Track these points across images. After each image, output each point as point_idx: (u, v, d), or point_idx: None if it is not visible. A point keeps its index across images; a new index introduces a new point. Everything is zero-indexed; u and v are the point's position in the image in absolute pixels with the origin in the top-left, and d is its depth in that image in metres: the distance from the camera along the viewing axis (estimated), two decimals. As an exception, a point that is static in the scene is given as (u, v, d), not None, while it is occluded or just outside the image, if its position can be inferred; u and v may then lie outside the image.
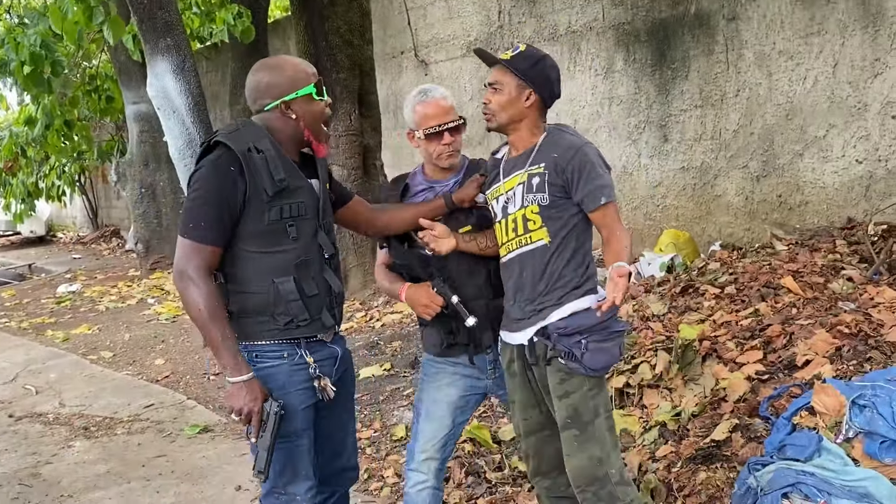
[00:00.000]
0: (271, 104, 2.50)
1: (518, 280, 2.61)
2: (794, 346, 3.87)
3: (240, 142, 2.40)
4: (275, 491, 2.53)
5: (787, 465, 2.94)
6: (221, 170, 2.39)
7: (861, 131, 5.94)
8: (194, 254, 2.37)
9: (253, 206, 2.41)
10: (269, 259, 2.46)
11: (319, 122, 2.57)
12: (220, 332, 2.37)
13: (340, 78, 7.11)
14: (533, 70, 2.66)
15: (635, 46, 7.36)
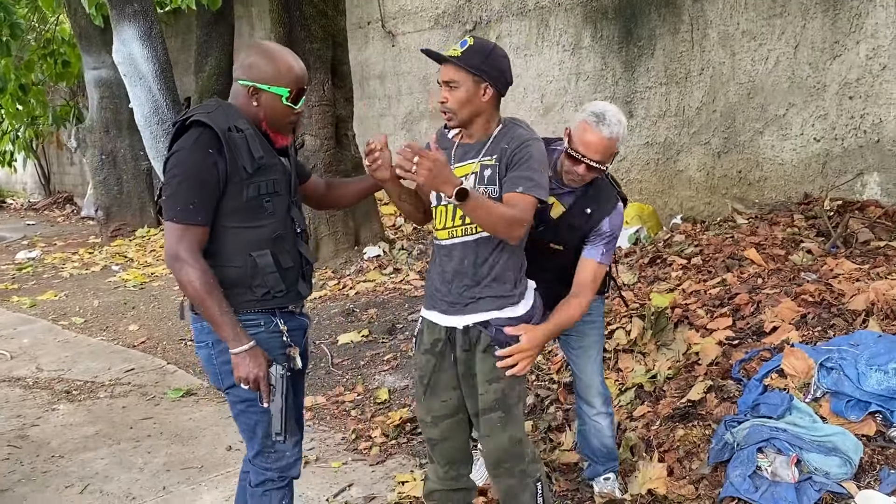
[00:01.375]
0: (244, 81, 2.55)
1: (459, 266, 2.64)
2: (761, 314, 4.11)
3: (220, 121, 2.46)
4: (265, 451, 2.67)
5: (761, 423, 3.18)
6: (201, 150, 2.44)
7: (819, 111, 6.20)
8: (184, 235, 2.43)
9: (232, 184, 2.48)
10: (247, 234, 2.55)
11: (282, 122, 2.60)
12: (217, 307, 2.44)
13: (314, 48, 7.16)
14: (486, 63, 2.59)
15: (603, 23, 7.53)
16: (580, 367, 3.25)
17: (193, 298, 2.46)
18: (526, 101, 8.37)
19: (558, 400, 4.24)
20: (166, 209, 2.47)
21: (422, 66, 9.48)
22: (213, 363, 2.62)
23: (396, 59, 9.84)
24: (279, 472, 2.70)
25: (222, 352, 2.54)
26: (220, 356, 2.57)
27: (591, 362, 3.23)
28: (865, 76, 5.93)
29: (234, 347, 2.46)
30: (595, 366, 3.24)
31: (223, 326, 2.45)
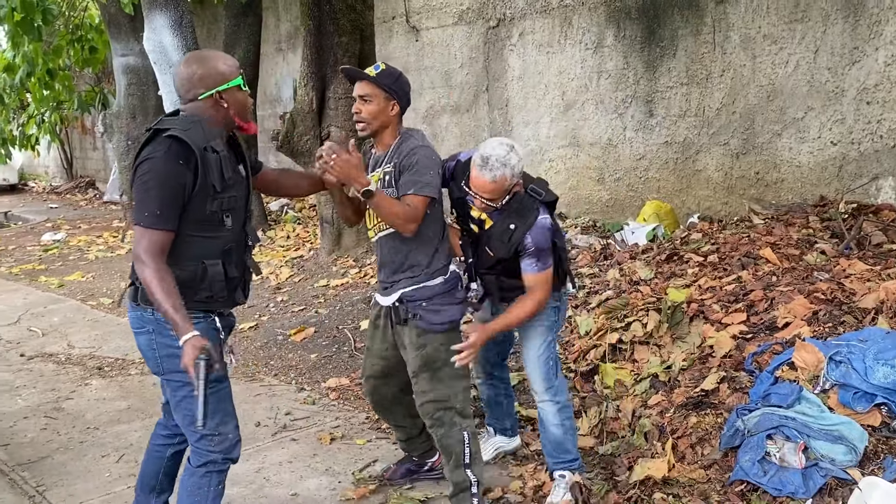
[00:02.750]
0: (205, 94, 2.73)
1: (382, 256, 3.26)
2: (774, 310, 4.25)
3: (197, 140, 2.64)
4: (207, 435, 2.84)
5: (771, 411, 3.33)
6: (171, 163, 2.60)
7: (837, 115, 6.32)
8: (145, 238, 2.60)
9: (198, 198, 2.67)
10: (203, 242, 2.75)
11: (246, 109, 2.84)
12: (170, 305, 2.58)
13: (342, 41, 7.32)
14: (395, 84, 3.13)
15: (626, 23, 7.66)
16: (523, 354, 3.53)
17: (150, 295, 2.60)
18: (546, 99, 8.51)
19: (575, 388, 4.39)
20: (135, 213, 2.64)
21: (444, 61, 9.63)
22: (153, 349, 2.81)
23: (419, 54, 9.99)
24: (223, 455, 2.89)
25: (163, 339, 2.74)
26: (161, 343, 2.77)
27: (533, 349, 3.44)
28: (883, 82, 6.04)
29: (180, 334, 2.59)
30: (535, 353, 3.43)
31: (172, 319, 2.59)
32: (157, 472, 3.24)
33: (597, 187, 8.19)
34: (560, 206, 8.46)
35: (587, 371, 4.46)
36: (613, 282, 5.52)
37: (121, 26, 11.13)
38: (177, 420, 2.94)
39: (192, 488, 2.89)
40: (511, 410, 3.98)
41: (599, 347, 4.55)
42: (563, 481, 3.51)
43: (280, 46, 12.35)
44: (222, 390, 2.87)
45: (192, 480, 2.89)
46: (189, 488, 2.89)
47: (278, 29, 12.22)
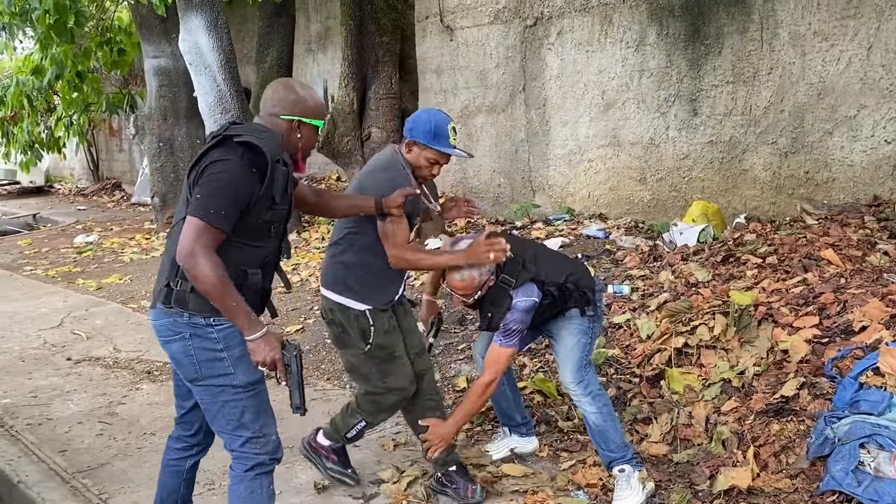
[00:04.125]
0: (289, 116, 2.83)
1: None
2: (848, 313, 4.14)
3: (272, 150, 2.69)
4: (253, 438, 2.82)
5: (861, 419, 3.23)
6: (246, 168, 2.64)
7: (891, 112, 6.20)
8: (205, 233, 2.59)
9: (258, 206, 2.69)
10: (248, 251, 2.76)
11: (309, 150, 2.96)
12: (233, 299, 2.62)
13: (383, 41, 7.25)
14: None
15: (669, 20, 7.55)
16: (555, 354, 3.70)
17: (210, 292, 2.59)
18: (586, 98, 8.41)
19: (641, 393, 4.30)
20: (198, 207, 2.61)
21: (479, 60, 9.54)
22: (189, 355, 2.74)
23: (454, 53, 9.90)
24: (269, 456, 2.87)
25: (201, 342, 2.71)
26: (199, 348, 2.72)
27: (564, 348, 3.58)
28: (941, 79, 5.93)
29: (250, 334, 2.65)
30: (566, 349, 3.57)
31: (239, 315, 2.63)
32: (179, 487, 3.22)
33: (638, 187, 8.09)
34: (600, 206, 8.40)
35: (653, 376, 4.36)
36: (668, 284, 5.42)
37: (152, 28, 11.12)
38: (216, 427, 2.89)
39: (246, 493, 2.86)
40: (518, 400, 4.03)
41: (664, 352, 4.45)
42: (625, 475, 3.48)
43: (310, 47, 12.30)
44: (262, 392, 2.87)
45: (244, 486, 2.86)
46: (242, 494, 2.86)
47: (308, 29, 12.17)
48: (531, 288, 3.39)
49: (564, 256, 3.81)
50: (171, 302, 2.71)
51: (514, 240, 3.57)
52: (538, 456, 3.98)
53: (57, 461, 4.20)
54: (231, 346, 2.73)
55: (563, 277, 3.46)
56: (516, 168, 9.34)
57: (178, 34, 9.36)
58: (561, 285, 3.44)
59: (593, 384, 3.56)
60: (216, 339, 2.69)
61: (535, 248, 3.67)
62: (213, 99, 8.85)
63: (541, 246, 3.81)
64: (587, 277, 3.58)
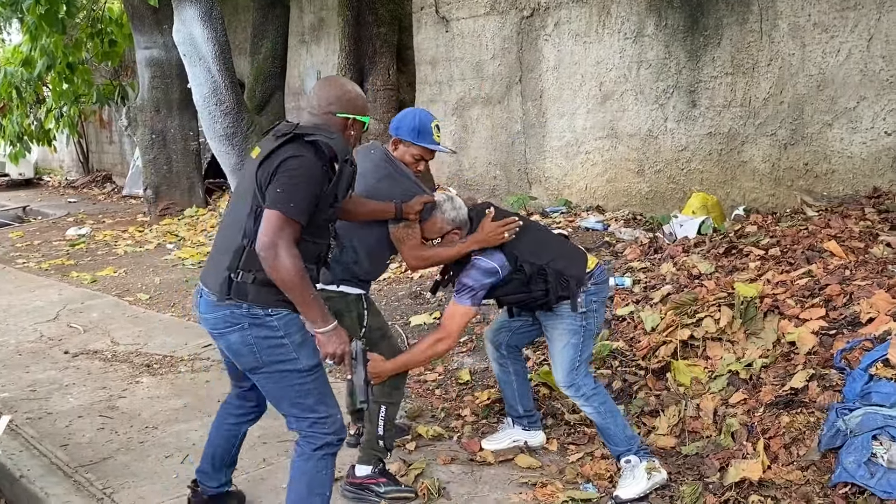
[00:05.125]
0: (344, 114, 2.92)
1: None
2: (854, 305, 4.13)
3: (341, 150, 2.79)
4: (321, 419, 2.89)
5: (874, 410, 3.22)
6: (319, 165, 2.73)
7: (891, 104, 6.20)
8: (287, 226, 2.66)
9: (322, 202, 2.78)
10: (309, 246, 2.81)
11: (356, 146, 3.12)
12: (310, 291, 2.70)
13: (381, 32, 7.21)
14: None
15: (667, 11, 7.53)
16: (549, 353, 3.69)
17: (287, 282, 2.65)
18: (583, 90, 8.39)
19: (647, 386, 4.28)
20: (278, 201, 2.67)
21: (475, 52, 9.50)
22: (249, 344, 2.80)
23: (449, 44, 9.86)
24: (336, 436, 2.94)
25: (261, 331, 2.77)
26: (259, 336, 2.78)
27: (556, 349, 3.58)
28: (942, 70, 5.93)
29: (321, 327, 2.73)
30: (557, 351, 3.57)
31: (313, 308, 2.71)
32: (232, 448, 3.39)
33: (636, 179, 8.07)
34: (597, 198, 8.39)
35: (658, 369, 4.34)
36: (670, 276, 5.41)
37: (144, 19, 11.04)
38: (282, 410, 2.96)
39: (312, 472, 2.93)
40: (525, 393, 4.00)
41: (669, 344, 4.43)
42: (630, 465, 3.50)
43: (303, 38, 12.22)
44: (324, 375, 2.93)
45: (311, 465, 2.93)
46: (308, 473, 2.94)
47: (301, 20, 12.09)
48: (496, 254, 3.42)
49: (560, 242, 3.70)
50: (230, 293, 2.76)
51: (500, 213, 3.57)
52: (546, 449, 3.95)
53: (59, 455, 4.15)
54: (291, 333, 2.79)
55: (544, 260, 3.45)
56: (512, 160, 9.31)
57: (169, 25, 9.29)
58: (539, 267, 3.43)
59: (586, 386, 3.55)
60: (276, 327, 2.76)
61: (524, 225, 3.59)
62: (207, 90, 8.76)
63: (534, 226, 3.73)
64: (576, 267, 3.51)
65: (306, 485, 2.94)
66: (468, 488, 3.62)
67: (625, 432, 3.56)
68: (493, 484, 3.64)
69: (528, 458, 3.83)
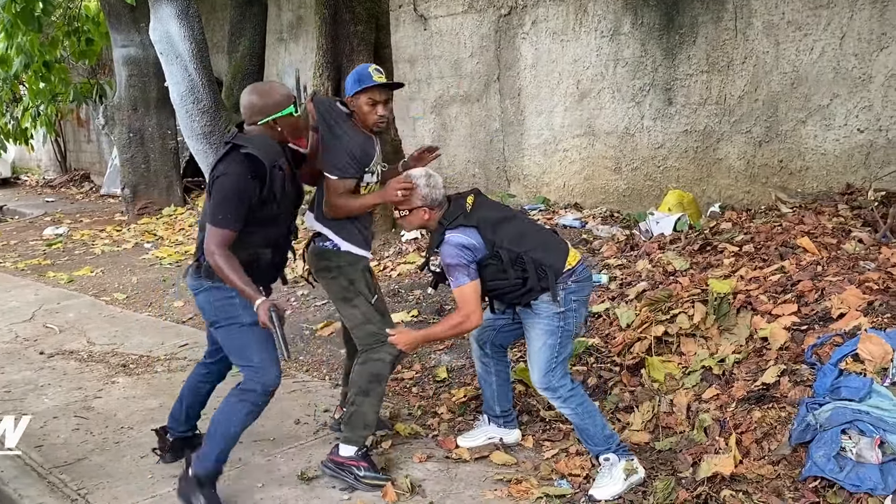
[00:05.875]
0: (263, 120, 3.37)
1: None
2: (826, 301, 4.18)
3: (269, 158, 3.28)
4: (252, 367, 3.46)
5: (843, 405, 3.26)
6: (245, 179, 3.25)
7: (864, 102, 6.26)
8: (218, 235, 3.24)
9: (260, 202, 3.30)
10: (259, 234, 3.41)
11: (296, 130, 3.49)
12: (240, 281, 3.23)
13: (358, 30, 7.20)
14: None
15: (643, 10, 7.57)
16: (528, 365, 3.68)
17: (223, 276, 3.25)
18: (561, 87, 8.42)
19: (622, 382, 4.31)
20: (210, 215, 3.28)
21: (454, 50, 9.51)
22: (209, 301, 3.46)
23: (428, 42, 9.86)
24: (262, 385, 3.44)
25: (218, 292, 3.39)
26: (216, 296, 3.42)
27: (532, 348, 3.59)
28: (913, 68, 5.99)
29: (254, 302, 3.23)
30: (533, 351, 3.59)
31: (245, 291, 3.24)
32: (202, 403, 4.00)
33: (613, 177, 8.11)
34: (575, 195, 8.42)
35: (633, 365, 4.38)
36: (646, 272, 5.45)
37: (121, 17, 10.97)
38: (232, 359, 3.60)
39: (228, 407, 3.49)
40: (504, 394, 4.02)
41: (644, 340, 4.47)
42: (608, 464, 3.50)
43: (282, 36, 12.18)
44: (262, 333, 3.40)
45: (230, 400, 3.49)
46: (225, 406, 3.50)
47: (280, 18, 12.06)
48: (469, 230, 3.46)
49: (542, 233, 3.66)
50: (200, 272, 3.43)
51: (486, 203, 3.63)
52: (521, 445, 3.98)
53: (33, 457, 4.14)
54: (238, 295, 3.33)
55: (522, 248, 3.46)
56: (491, 158, 9.33)
57: (147, 23, 9.23)
58: (517, 254, 3.44)
59: (563, 388, 3.54)
60: (228, 290, 3.34)
61: (505, 214, 3.65)
62: (184, 89, 8.73)
63: (519, 216, 3.74)
64: (554, 257, 3.49)
65: (222, 414, 3.50)
66: (443, 485, 3.63)
67: (603, 432, 3.56)
68: (469, 481, 3.66)
69: (503, 455, 3.85)
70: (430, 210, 3.53)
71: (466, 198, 3.59)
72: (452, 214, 3.52)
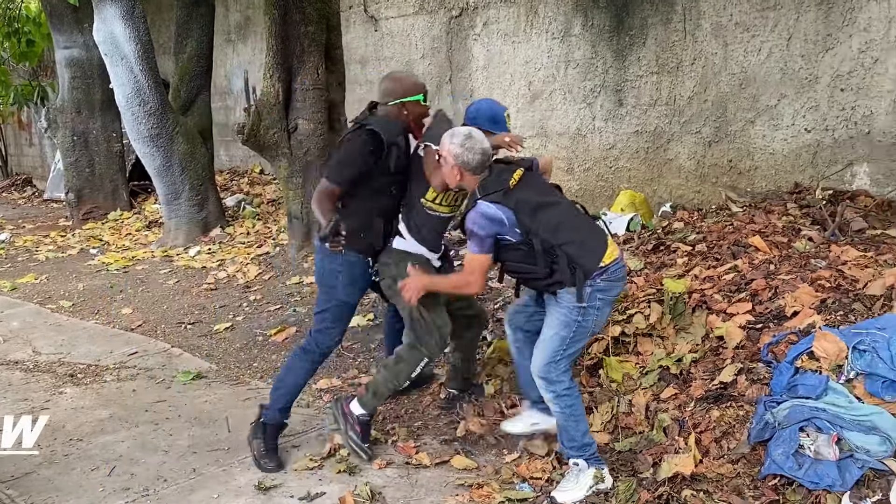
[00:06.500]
0: (393, 101, 3.79)
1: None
2: (780, 299, 4.23)
3: (389, 135, 3.70)
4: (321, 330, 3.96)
5: (800, 403, 3.30)
6: (364, 146, 3.69)
7: (811, 102, 6.36)
8: (323, 187, 3.69)
9: (377, 173, 3.73)
10: (374, 202, 3.84)
11: (420, 118, 3.87)
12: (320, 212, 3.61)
13: (309, 31, 7.12)
14: None
15: (593, 12, 7.61)
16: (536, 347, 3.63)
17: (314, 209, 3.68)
18: (513, 89, 8.43)
19: (581, 383, 4.31)
20: (327, 169, 3.84)
21: (405, 52, 9.47)
22: (322, 265, 3.93)
23: (379, 44, 9.81)
24: (319, 347, 3.96)
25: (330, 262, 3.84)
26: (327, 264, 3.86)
27: (545, 334, 3.53)
28: (857, 69, 6.10)
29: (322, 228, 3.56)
30: (544, 338, 3.53)
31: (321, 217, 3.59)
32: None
33: (565, 178, 8.13)
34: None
35: (591, 365, 4.38)
36: (601, 273, 5.46)
37: (63, 17, 10.71)
38: (315, 314, 4.03)
39: (292, 364, 4.04)
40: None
41: (601, 341, 4.47)
42: (577, 469, 3.49)
43: (230, 37, 12.02)
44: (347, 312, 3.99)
45: (294, 360, 4.03)
46: (290, 364, 4.05)
47: (227, 19, 11.90)
48: (505, 209, 3.38)
49: (585, 228, 3.52)
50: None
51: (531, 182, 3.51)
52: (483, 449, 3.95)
53: (-23, 472, 4.00)
54: (345, 273, 3.85)
55: (558, 240, 3.36)
56: (444, 159, 9.28)
57: (90, 24, 9.05)
58: (551, 246, 3.34)
59: (560, 384, 3.47)
60: (340, 262, 3.81)
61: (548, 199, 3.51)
62: (130, 91, 8.57)
63: (566, 204, 3.59)
64: (589, 258, 3.37)
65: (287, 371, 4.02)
66: (404, 492, 3.60)
67: (583, 439, 3.51)
68: (430, 487, 3.63)
69: (463, 460, 3.82)
70: (463, 171, 3.49)
71: (514, 172, 3.47)
72: (492, 186, 3.44)
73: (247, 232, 9.05)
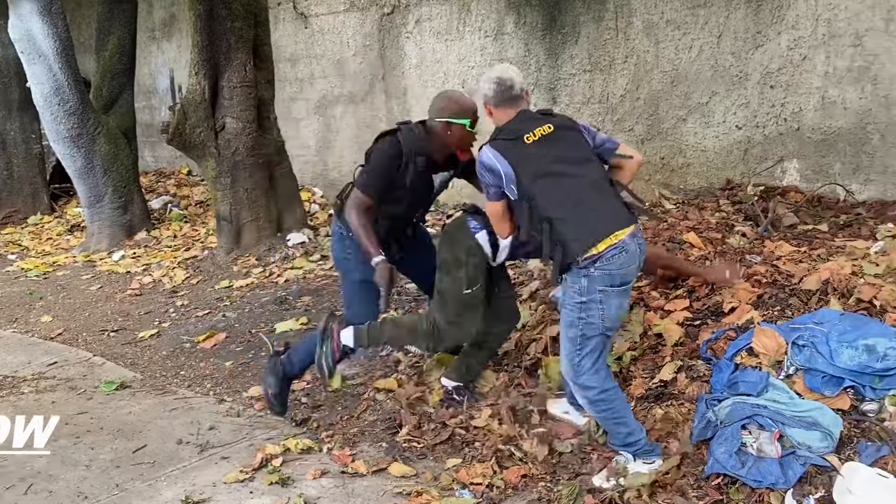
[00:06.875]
0: (439, 119, 3.81)
1: None
2: (716, 295, 4.21)
3: (409, 148, 3.80)
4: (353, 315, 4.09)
5: (741, 400, 3.26)
6: (388, 155, 3.81)
7: (741, 99, 6.41)
8: (356, 197, 3.79)
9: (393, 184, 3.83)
10: (390, 211, 3.93)
11: (463, 143, 3.87)
12: (366, 238, 3.72)
13: (235, 27, 6.92)
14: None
15: (526, 10, 7.56)
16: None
17: (353, 231, 3.79)
18: (447, 86, 8.32)
19: (520, 384, 4.24)
20: (358, 182, 3.84)
21: (336, 49, 9.30)
22: (335, 250, 4.19)
23: (309, 41, 9.61)
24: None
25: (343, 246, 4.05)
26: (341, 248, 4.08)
27: (560, 353, 3.40)
28: (786, 66, 6.16)
29: (371, 259, 3.71)
30: (561, 356, 3.40)
31: (366, 247, 3.73)
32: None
33: (500, 176, 8.07)
34: (464, 196, 8.31)
35: (531, 366, 4.31)
36: (538, 271, 5.40)
37: (-23, 13, 10.24)
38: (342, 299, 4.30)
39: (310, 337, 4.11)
40: None
41: (540, 341, 4.40)
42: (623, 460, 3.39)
43: (154, 34, 11.68)
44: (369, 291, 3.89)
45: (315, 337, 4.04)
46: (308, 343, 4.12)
47: (151, 16, 11.56)
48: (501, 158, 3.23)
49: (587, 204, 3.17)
50: (339, 216, 4.01)
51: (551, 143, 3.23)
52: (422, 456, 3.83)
53: None
54: (354, 252, 3.92)
55: (553, 213, 3.13)
56: (376, 159, 9.14)
57: (5, 20, 8.66)
58: (542, 217, 3.14)
59: (591, 391, 3.27)
60: (348, 245, 3.97)
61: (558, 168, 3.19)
62: (49, 89, 8.23)
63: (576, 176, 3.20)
64: (578, 241, 3.10)
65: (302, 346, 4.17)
66: (340, 502, 3.46)
67: (626, 439, 3.34)
68: (366, 496, 3.50)
69: (401, 467, 3.70)
70: (487, 106, 3.48)
71: (540, 126, 3.27)
72: (503, 133, 3.32)
73: (174, 235, 8.77)
